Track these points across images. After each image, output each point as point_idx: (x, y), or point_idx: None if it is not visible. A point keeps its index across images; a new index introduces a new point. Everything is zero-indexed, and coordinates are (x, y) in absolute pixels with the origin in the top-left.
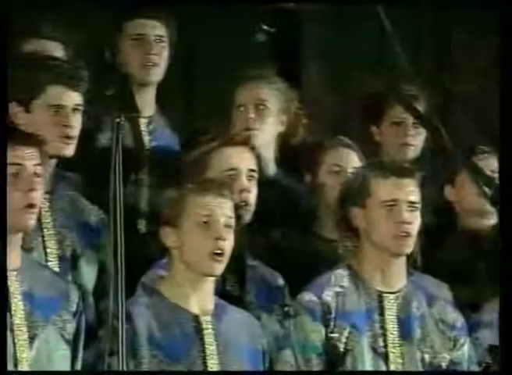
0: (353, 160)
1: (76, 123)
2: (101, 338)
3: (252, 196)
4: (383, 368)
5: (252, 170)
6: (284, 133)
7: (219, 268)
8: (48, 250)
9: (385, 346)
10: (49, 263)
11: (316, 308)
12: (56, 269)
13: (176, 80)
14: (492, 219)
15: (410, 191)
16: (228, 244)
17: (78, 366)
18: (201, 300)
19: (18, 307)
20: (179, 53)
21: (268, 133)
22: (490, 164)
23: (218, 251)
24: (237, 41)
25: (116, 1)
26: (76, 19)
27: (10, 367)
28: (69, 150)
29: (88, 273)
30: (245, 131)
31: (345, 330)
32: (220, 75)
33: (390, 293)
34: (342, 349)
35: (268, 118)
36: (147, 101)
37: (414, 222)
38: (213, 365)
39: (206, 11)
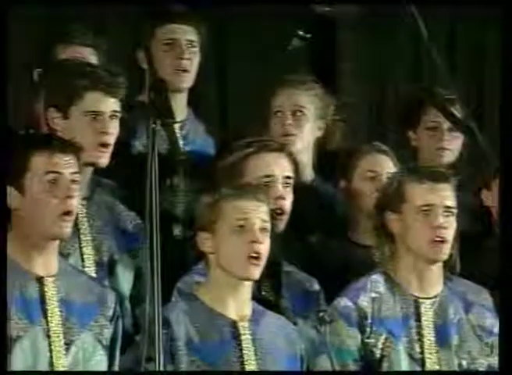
0: (388, 166)
1: (114, 129)
2: (138, 344)
3: (288, 203)
4: None
5: (288, 177)
6: (321, 138)
7: (256, 271)
8: (85, 256)
9: (422, 352)
10: (86, 269)
11: (352, 313)
12: (93, 274)
13: (210, 84)
14: None
15: (446, 195)
16: (264, 247)
17: None
18: (239, 305)
19: (54, 313)
20: (213, 58)
21: (305, 139)
22: None
23: (255, 255)
24: (273, 46)
25: (148, 7)
26: (107, 25)
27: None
28: (105, 159)
29: (125, 279)
30: (283, 137)
31: (381, 336)
32: (255, 80)
33: (427, 299)
34: (378, 355)
35: (305, 124)
36: (179, 106)
37: (450, 227)
38: (251, 370)
39: (241, 16)
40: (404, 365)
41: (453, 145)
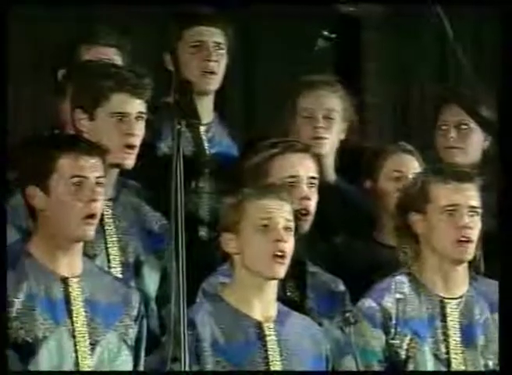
0: (413, 166)
1: (139, 131)
2: (163, 344)
3: (312, 204)
4: None
5: (313, 178)
6: (343, 139)
7: (281, 270)
8: (111, 257)
9: (448, 353)
10: (112, 270)
11: (376, 314)
12: (119, 275)
13: (236, 87)
14: None
15: (471, 195)
16: (288, 246)
17: None
18: (264, 306)
19: (79, 313)
20: (239, 59)
21: (332, 141)
22: None
23: (279, 253)
24: (298, 47)
25: (176, 8)
26: (133, 27)
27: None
28: (131, 160)
29: (151, 279)
30: (313, 140)
31: (406, 337)
32: (280, 81)
33: (452, 299)
34: (403, 356)
35: (334, 126)
36: (205, 109)
37: (475, 227)
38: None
39: (266, 17)
40: (430, 365)
41: (477, 145)
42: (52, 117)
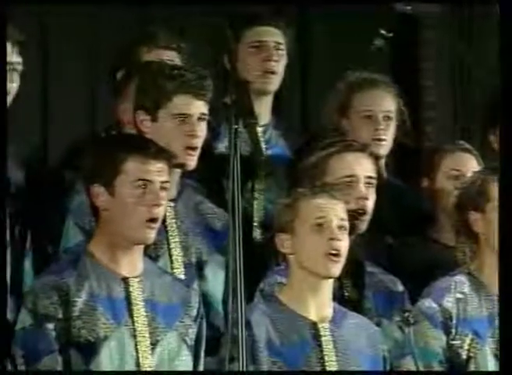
0: (472, 165)
1: (201, 132)
2: (222, 344)
3: (369, 203)
4: None
5: (370, 177)
6: (397, 138)
7: (336, 269)
8: (174, 257)
9: None
10: (175, 270)
11: (436, 314)
12: (182, 276)
13: (292, 87)
14: None
15: None
16: (343, 244)
17: None
18: (320, 306)
19: (140, 313)
20: (296, 60)
21: (390, 141)
22: None
23: (334, 252)
24: (355, 47)
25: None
26: (192, 28)
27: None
28: (193, 161)
29: (214, 279)
30: (373, 141)
31: (467, 337)
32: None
33: None
34: (464, 356)
35: (392, 127)
36: (263, 109)
37: None
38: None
39: (324, 17)
40: (491, 366)
41: None
42: (109, 117)
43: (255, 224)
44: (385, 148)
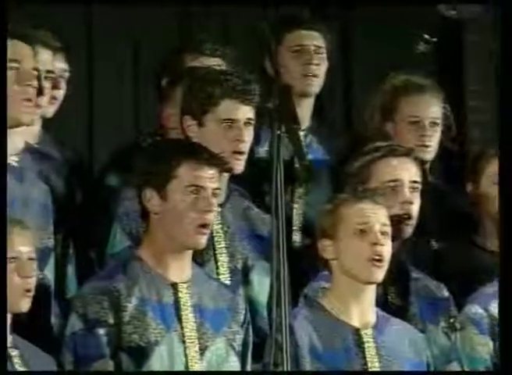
0: None
1: (248, 137)
2: (266, 349)
3: (415, 208)
4: None
5: (415, 182)
6: (442, 143)
7: (379, 274)
8: (219, 263)
9: None
10: (221, 276)
11: (483, 320)
12: (227, 281)
13: (334, 91)
14: None
15: None
16: (386, 250)
17: None
18: (363, 312)
19: (188, 319)
20: (338, 63)
21: (436, 147)
22: None
23: (377, 257)
24: (398, 51)
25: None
26: (232, 34)
27: None
28: (240, 166)
29: (259, 284)
30: (419, 148)
31: None
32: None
33: None
34: None
35: (437, 133)
36: (305, 113)
37: None
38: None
39: (366, 20)
40: None
41: None
42: (151, 123)
43: (295, 228)
44: (430, 154)
